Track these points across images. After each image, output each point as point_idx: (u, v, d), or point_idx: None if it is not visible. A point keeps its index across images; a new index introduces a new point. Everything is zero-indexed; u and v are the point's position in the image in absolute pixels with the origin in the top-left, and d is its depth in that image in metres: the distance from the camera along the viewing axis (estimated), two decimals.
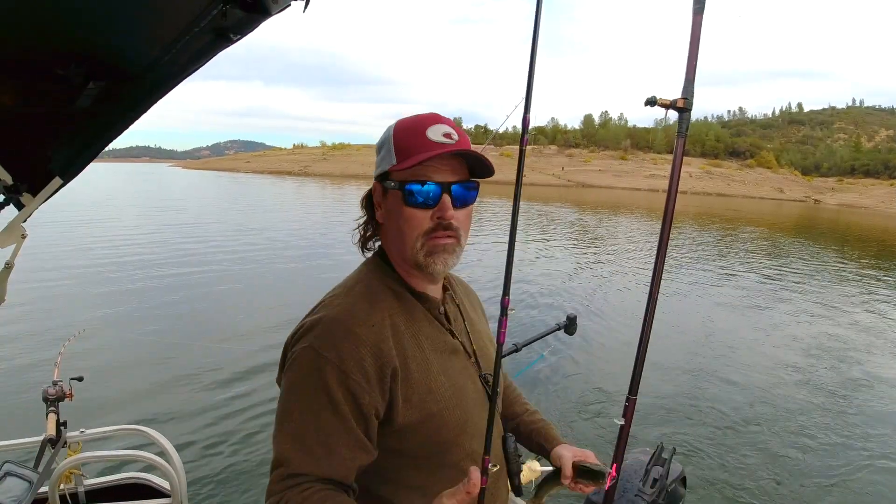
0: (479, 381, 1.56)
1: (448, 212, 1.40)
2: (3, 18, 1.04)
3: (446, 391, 1.44)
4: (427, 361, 1.44)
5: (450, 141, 1.39)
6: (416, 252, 1.42)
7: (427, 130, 1.40)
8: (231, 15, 1.12)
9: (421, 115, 1.45)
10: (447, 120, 1.44)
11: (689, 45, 2.05)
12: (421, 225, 1.41)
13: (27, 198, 1.58)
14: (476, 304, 1.83)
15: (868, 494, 6.05)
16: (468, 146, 1.43)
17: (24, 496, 2.43)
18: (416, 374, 1.40)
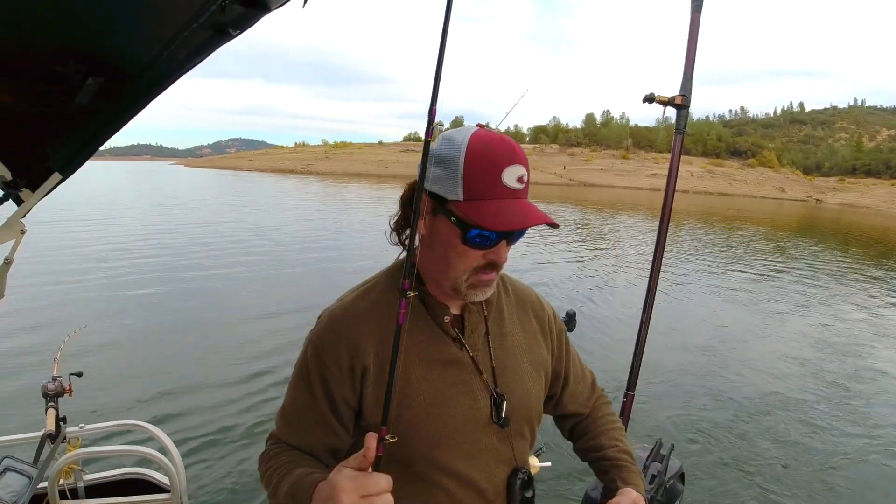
0: (484, 398, 1.48)
1: (503, 257, 1.41)
2: (2, 16, 1.04)
3: (422, 401, 1.43)
4: (411, 367, 1.43)
5: (520, 186, 1.34)
6: (460, 283, 1.42)
7: (503, 174, 1.31)
8: (230, 10, 1.12)
9: (497, 147, 1.33)
10: (521, 155, 1.35)
11: (688, 42, 2.05)
12: (472, 262, 1.40)
13: (26, 193, 1.59)
14: (529, 317, 1.66)
15: (868, 494, 6.05)
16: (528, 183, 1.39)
17: (23, 491, 2.43)
18: (383, 376, 1.32)
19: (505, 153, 1.32)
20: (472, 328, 1.51)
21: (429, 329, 1.48)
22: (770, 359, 10.12)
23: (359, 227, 27.98)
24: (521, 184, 1.34)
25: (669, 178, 2.15)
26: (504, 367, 1.53)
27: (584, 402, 1.75)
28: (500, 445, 1.49)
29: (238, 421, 6.74)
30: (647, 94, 2.08)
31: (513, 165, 1.32)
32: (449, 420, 1.44)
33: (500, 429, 1.48)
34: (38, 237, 19.07)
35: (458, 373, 1.47)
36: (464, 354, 1.49)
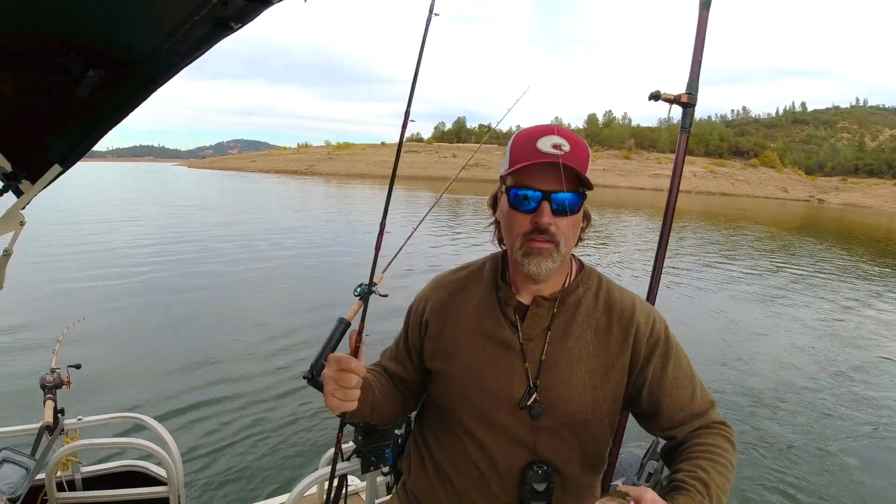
0: (520, 384, 1.59)
1: (545, 218, 1.48)
2: (3, 9, 1.05)
3: (461, 363, 1.65)
4: (462, 333, 1.68)
5: (558, 152, 1.45)
6: (515, 251, 1.55)
7: (538, 141, 1.47)
8: (232, 4, 1.12)
9: (540, 127, 1.52)
10: (564, 131, 1.50)
11: (695, 40, 2.05)
12: (521, 227, 1.52)
13: (26, 185, 1.59)
14: (612, 325, 1.62)
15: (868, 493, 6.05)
16: (582, 157, 1.49)
17: (21, 483, 2.44)
18: (445, 335, 1.70)
19: (543, 129, 1.50)
20: (532, 319, 1.62)
21: (491, 307, 1.67)
22: (770, 356, 10.13)
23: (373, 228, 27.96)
24: (557, 150, 1.45)
25: (674, 176, 2.15)
26: (554, 363, 1.59)
27: (675, 425, 1.61)
28: (524, 431, 1.59)
29: (236, 414, 6.77)
30: (653, 92, 2.08)
31: (548, 136, 1.47)
32: (481, 389, 1.62)
33: (530, 417, 1.57)
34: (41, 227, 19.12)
35: (503, 353, 1.61)
36: (514, 339, 1.61)
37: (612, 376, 1.59)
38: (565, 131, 1.50)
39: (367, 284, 1.94)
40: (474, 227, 28.38)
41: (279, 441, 6.26)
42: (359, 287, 2.09)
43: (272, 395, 7.25)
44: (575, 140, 1.49)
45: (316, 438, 6.21)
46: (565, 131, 1.50)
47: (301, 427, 6.47)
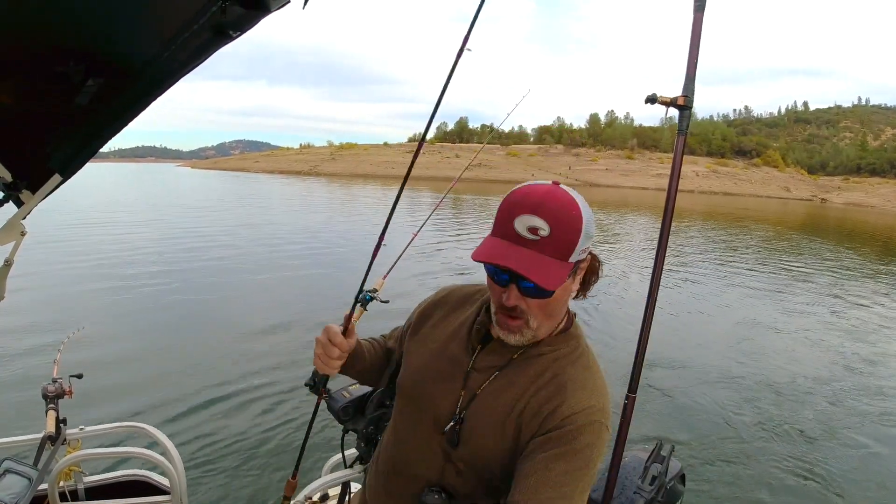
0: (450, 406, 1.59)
1: (511, 300, 1.45)
2: (2, 17, 1.04)
3: (417, 360, 1.74)
4: (432, 338, 1.74)
5: (531, 236, 1.36)
6: (493, 313, 1.56)
7: (516, 220, 1.38)
8: (230, 11, 1.12)
9: (525, 195, 1.41)
10: (550, 207, 1.37)
11: (690, 42, 2.05)
12: (495, 297, 1.51)
13: (27, 195, 1.59)
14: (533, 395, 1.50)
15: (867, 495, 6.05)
16: (566, 238, 1.38)
17: (23, 493, 2.43)
18: (422, 332, 1.80)
19: (528, 203, 1.39)
20: (490, 353, 1.60)
21: (466, 327, 1.69)
22: (772, 360, 10.12)
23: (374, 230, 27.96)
24: (532, 234, 1.37)
25: (672, 178, 2.14)
26: (486, 402, 1.55)
27: None
28: (437, 451, 1.60)
29: (238, 422, 6.76)
30: (650, 95, 2.07)
31: (528, 215, 1.37)
32: (421, 393, 1.67)
33: (446, 441, 1.57)
34: (43, 235, 19.13)
35: (449, 370, 1.63)
36: (465, 364, 1.61)
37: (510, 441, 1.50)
38: (553, 206, 1.37)
39: (367, 291, 1.98)
40: (474, 228, 28.36)
41: (282, 448, 6.26)
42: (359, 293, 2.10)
43: (275, 403, 7.24)
44: (560, 218, 1.37)
45: (319, 446, 6.21)
46: (553, 206, 1.37)
47: (304, 434, 6.48)
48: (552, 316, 1.51)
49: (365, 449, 2.58)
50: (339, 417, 2.52)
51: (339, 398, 2.54)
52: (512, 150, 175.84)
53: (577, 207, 1.40)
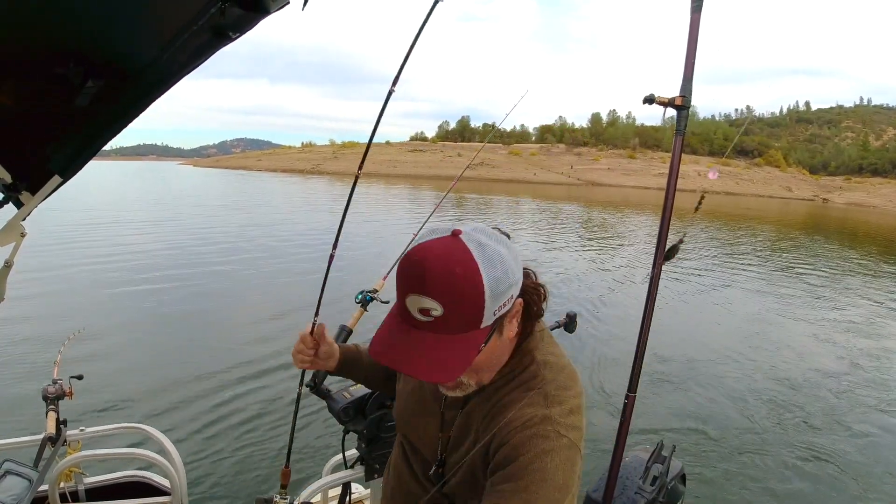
0: (433, 447, 1.56)
1: None
2: (2, 18, 1.04)
3: (402, 404, 1.70)
4: (406, 379, 1.71)
5: (423, 318, 1.21)
6: None
7: (408, 299, 1.23)
8: (230, 13, 1.12)
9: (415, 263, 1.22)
10: (432, 287, 1.19)
11: (688, 43, 2.05)
12: None
13: (26, 196, 1.59)
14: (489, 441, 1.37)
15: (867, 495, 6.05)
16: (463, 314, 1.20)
17: (24, 495, 2.43)
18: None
19: (415, 278, 1.21)
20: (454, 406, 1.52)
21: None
22: (775, 359, 10.12)
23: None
24: (425, 316, 1.21)
25: (670, 177, 2.15)
26: (456, 445, 1.50)
27: None
28: (426, 487, 1.58)
29: (239, 424, 6.76)
30: (647, 96, 2.07)
31: (416, 295, 1.21)
32: (408, 430, 1.68)
33: (431, 484, 1.55)
34: (45, 236, 19.14)
35: (428, 411, 1.59)
36: (439, 404, 1.56)
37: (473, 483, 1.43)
38: (442, 281, 1.19)
39: (367, 292, 1.96)
40: None
41: (282, 449, 6.26)
42: (359, 294, 2.09)
43: (275, 404, 7.25)
44: (453, 294, 1.19)
45: (319, 446, 6.21)
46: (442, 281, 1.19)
47: (304, 435, 6.47)
48: (489, 369, 1.39)
49: (366, 449, 2.58)
50: (339, 418, 2.51)
51: (339, 399, 2.53)
52: (514, 150, 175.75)
53: (473, 271, 1.19)
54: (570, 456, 1.29)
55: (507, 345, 1.38)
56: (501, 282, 1.21)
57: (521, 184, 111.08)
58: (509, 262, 1.24)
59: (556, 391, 1.36)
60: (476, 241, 1.22)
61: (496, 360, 1.38)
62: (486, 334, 1.26)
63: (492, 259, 1.20)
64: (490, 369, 1.39)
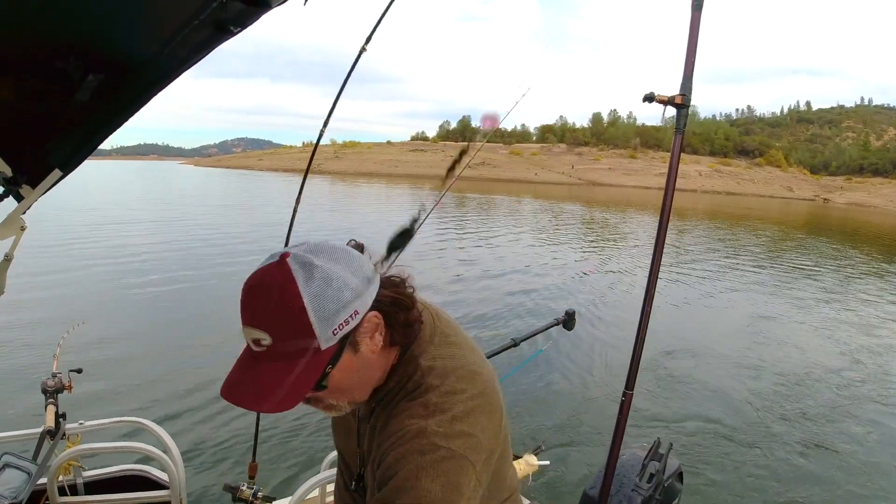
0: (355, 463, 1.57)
1: None
2: (2, 13, 1.05)
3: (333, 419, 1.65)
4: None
5: (260, 349, 1.20)
6: None
7: (244, 329, 1.22)
8: (231, 7, 1.13)
9: (244, 291, 1.22)
10: (256, 316, 1.19)
11: (688, 41, 2.05)
12: None
13: (27, 190, 1.59)
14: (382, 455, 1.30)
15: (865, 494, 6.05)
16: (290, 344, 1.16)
17: (22, 487, 2.44)
18: None
19: (243, 308, 1.21)
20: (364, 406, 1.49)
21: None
22: (775, 357, 10.12)
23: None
24: (258, 346, 1.20)
25: (669, 177, 2.15)
26: (369, 460, 1.43)
27: None
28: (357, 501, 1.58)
29: (237, 417, 6.75)
30: (647, 94, 2.08)
31: (246, 327, 1.21)
32: (338, 444, 1.69)
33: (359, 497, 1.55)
34: (45, 230, 19.16)
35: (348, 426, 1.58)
36: (355, 419, 1.54)
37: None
38: (262, 308, 1.18)
39: None
40: (477, 226, 28.41)
41: (281, 444, 6.27)
42: None
43: None
44: (273, 321, 1.17)
45: (318, 441, 6.22)
46: (262, 308, 1.18)
47: (303, 430, 6.48)
48: (360, 387, 1.34)
49: None
50: None
51: None
52: (515, 150, 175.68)
53: (293, 295, 1.14)
54: (450, 467, 1.19)
55: (374, 360, 1.30)
56: (331, 301, 1.16)
57: (522, 184, 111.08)
58: (345, 278, 1.19)
59: (440, 398, 1.27)
60: (302, 262, 1.17)
61: (364, 377, 1.32)
62: (330, 356, 1.20)
63: (319, 279, 1.16)
64: (361, 387, 1.33)
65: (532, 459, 2.90)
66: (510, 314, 11.90)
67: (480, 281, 15.39)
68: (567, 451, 6.41)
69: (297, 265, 1.16)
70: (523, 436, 6.54)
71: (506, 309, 12.31)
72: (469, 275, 16.09)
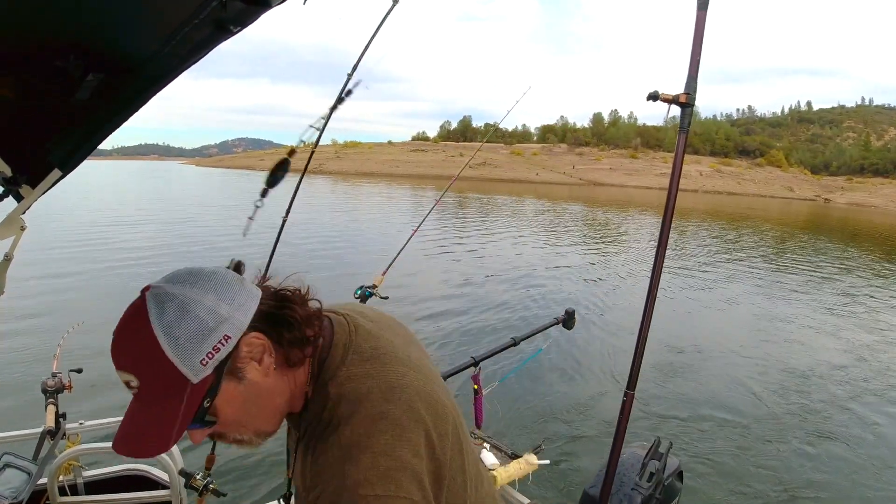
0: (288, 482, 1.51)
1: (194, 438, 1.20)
2: (1, 12, 1.05)
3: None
4: None
5: (133, 391, 1.12)
6: None
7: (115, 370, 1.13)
8: (231, 6, 1.12)
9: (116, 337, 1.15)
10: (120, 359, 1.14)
11: (693, 40, 2.05)
12: None
13: (26, 190, 1.59)
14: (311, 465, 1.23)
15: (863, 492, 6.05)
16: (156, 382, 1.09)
17: (23, 487, 2.44)
18: None
19: (111, 353, 1.15)
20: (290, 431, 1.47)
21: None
22: (776, 356, 10.12)
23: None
24: (131, 389, 1.12)
25: (673, 175, 2.15)
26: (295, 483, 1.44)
27: None
28: None
29: None
30: (651, 92, 2.08)
31: (116, 370, 1.14)
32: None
33: None
34: (45, 230, 19.15)
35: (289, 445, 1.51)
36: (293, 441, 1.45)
37: None
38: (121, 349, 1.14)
39: (366, 287, 1.94)
40: (477, 226, 28.40)
41: (281, 442, 6.26)
42: (359, 290, 2.09)
43: None
44: (132, 361, 1.11)
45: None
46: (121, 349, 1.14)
47: None
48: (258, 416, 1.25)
49: None
50: None
51: None
52: (516, 150, 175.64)
53: (145, 330, 1.08)
54: None
55: (271, 385, 1.21)
56: (190, 330, 1.07)
57: (523, 184, 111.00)
58: (207, 303, 1.10)
59: (356, 435, 1.12)
60: (156, 295, 1.10)
61: (263, 406, 1.23)
62: (206, 388, 1.10)
63: (174, 309, 1.08)
64: (263, 416, 1.25)
65: (532, 458, 2.90)
66: (511, 314, 11.89)
67: (481, 281, 15.39)
68: (567, 450, 6.41)
69: (151, 298, 1.10)
70: (523, 435, 6.54)
71: (506, 308, 12.31)
72: (469, 275, 16.09)
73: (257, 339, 1.16)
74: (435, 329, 10.15)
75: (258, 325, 1.16)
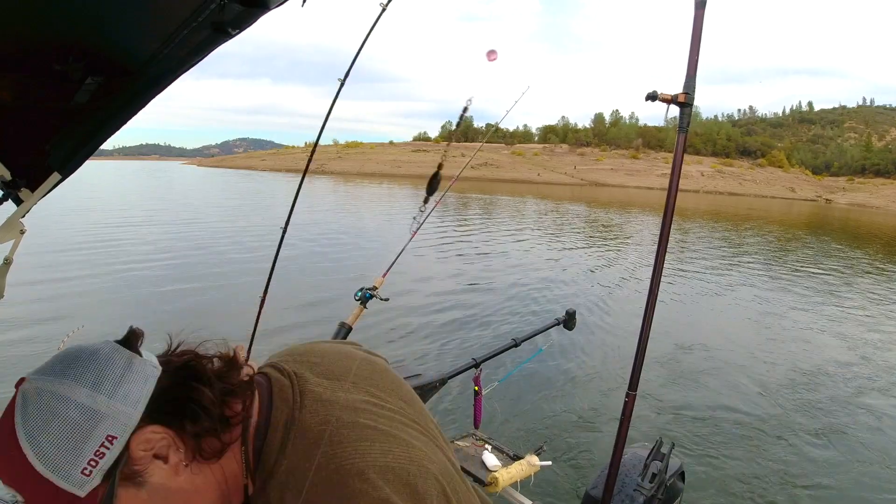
0: None
1: None
2: (1, 14, 1.05)
3: None
4: None
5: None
6: None
7: None
8: (229, 9, 1.12)
9: None
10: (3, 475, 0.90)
11: (692, 39, 2.05)
12: None
13: (26, 193, 1.59)
14: None
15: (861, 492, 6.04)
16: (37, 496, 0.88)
17: None
18: None
19: None
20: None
21: None
22: (772, 358, 10.08)
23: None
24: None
25: (672, 175, 2.15)
26: None
27: None
28: None
29: None
30: (650, 92, 2.07)
31: None
32: None
33: None
34: (45, 234, 19.15)
35: None
36: None
37: None
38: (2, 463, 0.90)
39: (367, 289, 1.94)
40: (478, 226, 28.40)
41: None
42: (359, 291, 2.09)
43: None
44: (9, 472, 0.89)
45: None
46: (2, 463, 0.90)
47: None
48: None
49: None
50: None
51: None
52: (517, 150, 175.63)
53: (10, 440, 0.88)
54: None
55: (185, 487, 0.99)
56: (59, 437, 0.89)
57: (524, 184, 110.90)
58: (79, 400, 0.91)
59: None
60: (24, 393, 0.93)
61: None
62: (97, 501, 0.91)
63: (39, 412, 0.90)
64: None
65: (534, 460, 2.89)
66: (511, 314, 11.87)
67: (481, 281, 15.35)
68: (569, 452, 6.40)
69: (20, 398, 0.92)
70: (524, 436, 6.53)
71: (507, 309, 12.28)
72: (470, 275, 16.06)
73: (155, 434, 0.95)
74: (435, 330, 10.14)
75: (157, 416, 0.96)
